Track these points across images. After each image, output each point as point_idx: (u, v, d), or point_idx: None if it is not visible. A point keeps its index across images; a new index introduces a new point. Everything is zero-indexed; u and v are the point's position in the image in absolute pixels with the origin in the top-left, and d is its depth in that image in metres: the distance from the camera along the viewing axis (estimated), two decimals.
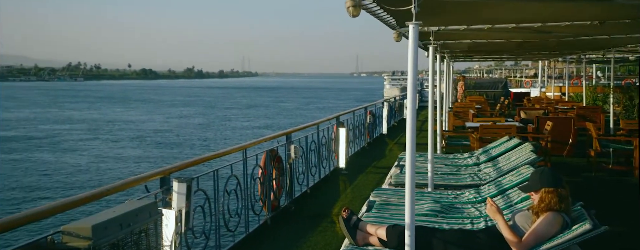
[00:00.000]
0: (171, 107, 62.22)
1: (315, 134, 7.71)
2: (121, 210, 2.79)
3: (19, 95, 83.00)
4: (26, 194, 16.92)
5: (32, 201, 15.93)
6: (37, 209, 2.53)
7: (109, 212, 2.76)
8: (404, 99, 18.58)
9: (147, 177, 3.56)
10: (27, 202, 15.94)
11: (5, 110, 53.27)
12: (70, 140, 30.22)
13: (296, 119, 46.26)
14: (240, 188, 5.02)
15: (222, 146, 27.96)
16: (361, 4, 2.96)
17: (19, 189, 17.59)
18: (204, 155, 4.60)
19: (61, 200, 2.74)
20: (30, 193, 17.04)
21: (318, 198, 6.95)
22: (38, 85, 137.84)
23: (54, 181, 18.87)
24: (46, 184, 18.33)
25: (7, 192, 17.13)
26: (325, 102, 76.20)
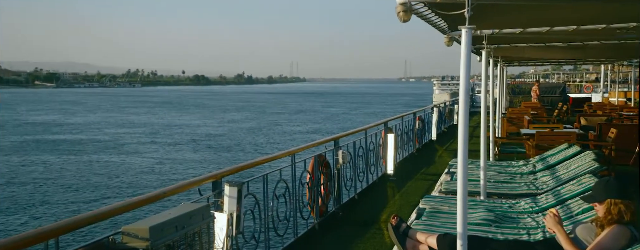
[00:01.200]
0: (223, 112, 63.98)
1: (363, 139, 7.67)
2: (176, 213, 2.88)
3: (85, 101, 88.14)
4: (94, 193, 18.03)
5: (99, 200, 17.01)
6: (101, 210, 2.67)
7: (165, 214, 2.86)
8: (454, 104, 18.14)
9: (200, 180, 3.66)
10: (96, 200, 17.04)
11: (73, 114, 57.03)
12: (133, 143, 31.80)
13: (344, 124, 46.22)
14: (288, 193, 5.07)
15: (271, 150, 28.55)
16: (412, 9, 2.91)
17: (87, 188, 18.77)
18: (254, 160, 4.68)
19: (121, 201, 2.87)
20: (97, 192, 18.17)
21: (366, 204, 6.89)
22: (101, 91, 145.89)
23: (118, 181, 20.00)
24: (112, 184, 19.47)
25: (77, 191, 18.31)
26: (373, 107, 75.71)
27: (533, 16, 4.33)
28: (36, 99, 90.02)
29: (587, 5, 3.58)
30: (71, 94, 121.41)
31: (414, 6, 2.96)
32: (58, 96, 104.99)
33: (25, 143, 31.51)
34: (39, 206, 16.21)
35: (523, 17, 4.40)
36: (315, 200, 5.67)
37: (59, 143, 31.57)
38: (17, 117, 52.26)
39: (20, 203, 16.45)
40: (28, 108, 66.91)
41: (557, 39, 6.25)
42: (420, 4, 3.01)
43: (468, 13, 2.74)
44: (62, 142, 32.22)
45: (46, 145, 30.54)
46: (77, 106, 72.30)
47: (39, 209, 15.90)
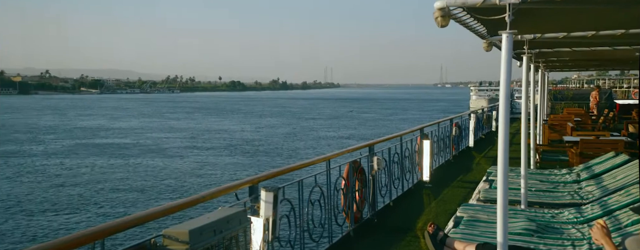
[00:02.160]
0: (259, 118, 64.90)
1: (398, 145, 7.59)
2: (214, 217, 2.93)
3: (128, 107, 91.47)
4: (138, 196, 18.91)
5: (143, 202, 17.90)
6: (144, 213, 2.75)
7: (204, 218, 2.91)
8: (493, 110, 17.71)
9: (237, 185, 3.71)
10: (140, 202, 17.94)
11: (117, 119, 59.35)
12: (174, 148, 32.98)
13: (379, 130, 45.94)
14: (323, 198, 5.07)
15: (307, 156, 28.84)
16: (451, 14, 2.87)
17: (132, 190, 19.71)
18: (290, 165, 4.71)
19: (163, 205, 2.95)
20: (141, 194, 19.06)
21: (401, 211, 6.81)
22: (142, 97, 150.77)
23: (161, 184, 20.89)
24: (155, 187, 20.33)
25: (123, 193, 19.23)
26: (408, 113, 74.95)
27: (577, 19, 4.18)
28: (83, 105, 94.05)
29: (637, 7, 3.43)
30: (114, 99, 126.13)
31: (452, 11, 2.92)
32: (103, 102, 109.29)
33: (76, 147, 33.24)
34: (89, 207, 17.17)
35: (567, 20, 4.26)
36: (350, 207, 5.65)
37: (105, 147, 33.08)
38: (68, 122, 54.97)
39: (72, 203, 17.45)
40: (77, 113, 70.05)
41: (603, 43, 6.01)
42: (459, 9, 2.96)
43: (509, 17, 2.68)
44: (109, 146, 33.72)
45: (94, 149, 32.07)
46: (120, 112, 75.12)
47: (90, 209, 16.85)
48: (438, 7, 2.79)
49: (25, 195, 18.59)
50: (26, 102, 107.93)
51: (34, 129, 45.52)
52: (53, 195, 18.68)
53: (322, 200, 5.04)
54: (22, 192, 19.10)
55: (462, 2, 2.79)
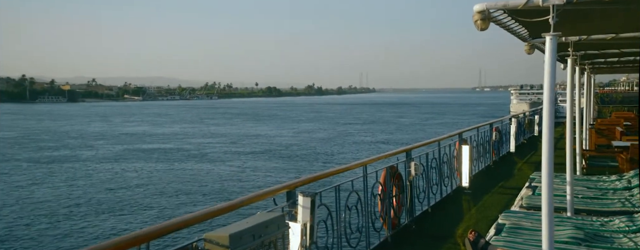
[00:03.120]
0: (296, 123, 65.49)
1: (436, 150, 7.47)
2: (253, 222, 2.97)
3: (169, 113, 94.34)
4: (180, 199, 19.78)
5: (187, 205, 18.73)
6: (186, 217, 2.82)
7: (243, 223, 2.95)
8: (535, 114, 17.17)
9: (275, 190, 3.74)
10: (184, 205, 18.79)
11: (160, 125, 61.40)
12: (214, 153, 34.06)
13: (416, 135, 45.43)
14: (361, 204, 5.04)
15: (343, 161, 28.91)
16: (491, 17, 2.81)
17: (175, 194, 20.64)
18: (327, 171, 4.71)
19: (204, 209, 3.02)
20: (184, 198, 19.94)
21: (440, 217, 6.69)
22: (183, 104, 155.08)
23: (202, 188, 21.78)
24: (196, 190, 21.23)
25: (166, 196, 20.21)
26: (446, 117, 73.67)
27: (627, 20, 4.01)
28: (128, 112, 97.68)
29: None
30: (156, 106, 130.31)
31: (492, 14, 2.86)
32: (146, 109, 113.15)
33: (123, 152, 34.97)
34: (136, 209, 18.18)
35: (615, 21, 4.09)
36: (388, 212, 5.60)
37: (150, 152, 34.58)
38: (115, 128, 57.51)
39: (121, 206, 18.52)
40: (122, 120, 72.91)
41: None
42: (499, 11, 2.89)
43: (553, 19, 2.60)
44: (153, 151, 35.25)
45: (140, 154, 33.67)
46: (163, 118, 77.69)
47: (137, 211, 17.86)
48: (477, 10, 2.73)
49: (79, 198, 19.89)
50: (75, 109, 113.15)
51: (85, 135, 48.02)
52: (104, 197, 19.93)
53: (359, 206, 5.01)
54: (77, 195, 20.43)
55: (503, 5, 2.73)
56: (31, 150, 35.86)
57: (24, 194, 20.63)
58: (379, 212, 5.49)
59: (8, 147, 37.34)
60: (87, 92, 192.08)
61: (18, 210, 17.81)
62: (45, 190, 21.32)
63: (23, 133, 50.07)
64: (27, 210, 17.87)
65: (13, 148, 36.97)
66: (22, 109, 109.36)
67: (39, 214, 17.24)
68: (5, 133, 49.73)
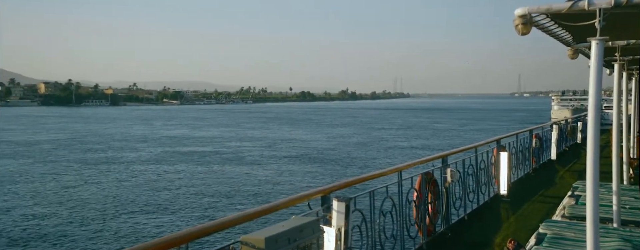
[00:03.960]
0: (331, 127, 65.67)
1: (473, 157, 7.33)
2: (288, 225, 3.00)
3: (207, 117, 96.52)
4: (219, 200, 20.42)
5: (225, 206, 19.36)
6: (223, 219, 2.88)
7: (278, 226, 2.99)
8: (578, 121, 16.56)
9: (310, 194, 3.76)
10: (223, 206, 19.37)
11: (199, 129, 62.98)
12: (251, 156, 34.85)
13: (452, 141, 44.67)
14: (395, 210, 5.00)
15: (378, 166, 28.82)
16: (532, 21, 2.74)
17: (213, 196, 21.30)
18: (361, 176, 4.70)
19: (240, 212, 3.07)
20: (222, 200, 20.53)
21: (477, 225, 6.55)
22: (219, 108, 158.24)
23: (239, 191, 22.36)
24: (234, 193, 21.83)
25: (205, 198, 20.92)
26: (483, 123, 72.05)
27: None
28: (167, 115, 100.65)
29: None
30: (194, 110, 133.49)
31: (534, 18, 2.78)
32: (184, 113, 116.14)
33: (164, 154, 36.30)
34: (176, 209, 18.91)
35: None
36: (423, 219, 5.52)
37: (190, 154, 35.74)
38: (156, 131, 59.61)
39: (163, 206, 19.35)
40: (162, 123, 75.23)
41: None
42: (542, 15, 2.81)
43: (600, 23, 2.51)
44: (193, 153, 36.39)
45: (180, 156, 34.87)
46: (201, 122, 79.69)
47: (177, 211, 18.59)
48: (519, 14, 2.67)
49: (125, 198, 20.94)
50: (118, 112, 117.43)
51: (129, 138, 50.10)
52: (147, 198, 20.90)
53: (393, 212, 4.97)
54: (122, 195, 21.51)
55: (546, 9, 2.66)
56: (80, 151, 37.81)
57: (74, 193, 21.94)
58: (414, 219, 5.42)
59: (59, 149, 39.57)
60: (128, 96, 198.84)
61: (69, 209, 18.94)
62: (93, 190, 22.59)
63: (72, 135, 52.70)
64: (77, 208, 19.00)
65: (64, 150, 39.11)
66: (69, 112, 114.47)
67: (88, 213, 18.33)
68: (56, 135, 52.59)
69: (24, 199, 20.69)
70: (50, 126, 68.11)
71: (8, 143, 43.59)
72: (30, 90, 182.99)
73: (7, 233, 15.72)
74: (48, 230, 16.03)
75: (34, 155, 35.05)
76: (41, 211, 18.46)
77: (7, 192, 22.08)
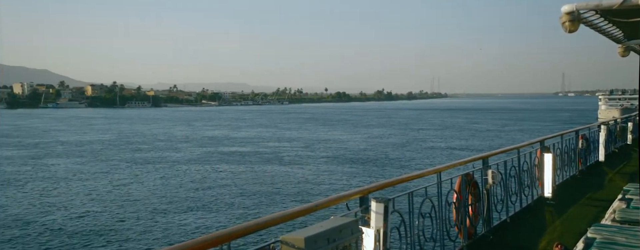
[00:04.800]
0: (367, 128, 65.45)
1: (515, 158, 7.12)
2: (328, 226, 3.01)
3: (245, 117, 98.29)
4: (260, 199, 20.96)
5: (266, 205, 19.90)
6: (264, 219, 2.92)
7: (317, 226, 3.00)
8: (628, 121, 15.80)
9: (348, 195, 3.76)
10: (264, 205, 19.92)
11: (238, 129, 64.21)
12: (289, 156, 35.42)
13: (492, 141, 43.62)
14: (434, 212, 4.92)
15: (416, 167, 28.54)
16: (580, 18, 2.64)
17: (253, 195, 21.88)
18: (400, 177, 4.65)
19: (280, 212, 3.10)
20: (262, 199, 21.08)
21: (520, 229, 6.36)
22: (256, 109, 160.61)
23: (278, 190, 22.88)
24: (273, 192, 22.38)
25: (246, 197, 21.48)
26: (525, 124, 69.87)
27: None
28: (207, 116, 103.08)
29: None
30: (232, 111, 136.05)
31: (582, 15, 2.68)
32: (223, 114, 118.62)
33: (206, 154, 37.37)
34: (218, 208, 19.54)
35: None
36: (463, 221, 5.41)
37: (230, 154, 36.71)
38: (197, 131, 61.32)
39: (206, 205, 20.06)
40: (203, 124, 77.16)
41: None
42: (591, 12, 2.70)
43: None
44: (233, 153, 37.35)
45: (221, 156, 35.82)
46: (239, 122, 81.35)
47: (219, 210, 19.20)
48: (566, 11, 2.58)
49: (169, 196, 21.83)
50: (160, 113, 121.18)
51: (172, 138, 51.85)
52: (191, 196, 21.74)
53: (433, 213, 4.90)
54: (167, 193, 22.44)
55: (596, 5, 2.55)
56: (128, 151, 39.62)
57: (124, 191, 23.19)
58: (454, 221, 5.33)
59: (108, 149, 41.63)
60: (168, 97, 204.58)
61: (119, 206, 20.02)
62: (141, 188, 23.74)
63: (119, 136, 55.16)
64: (126, 206, 20.03)
65: (113, 149, 41.13)
66: (114, 114, 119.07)
67: (136, 210, 19.31)
68: (104, 136, 55.20)
69: (79, 196, 22.13)
70: (98, 127, 71.39)
71: (62, 143, 46.62)
72: (78, 92, 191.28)
73: (67, 227, 16.94)
74: (100, 226, 17.13)
75: (86, 155, 37.24)
76: (95, 208, 19.70)
77: (65, 189, 23.65)
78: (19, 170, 29.59)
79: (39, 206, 19.97)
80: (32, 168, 30.40)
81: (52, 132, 61.83)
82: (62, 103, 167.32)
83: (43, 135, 56.02)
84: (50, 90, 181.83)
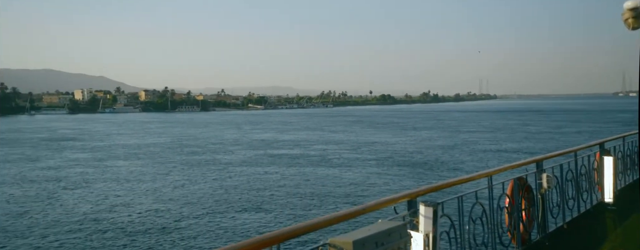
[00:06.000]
0: (414, 130, 64.56)
1: (572, 162, 6.80)
2: (376, 229, 2.99)
3: (292, 121, 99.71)
4: (309, 201, 21.35)
5: (316, 206, 20.34)
6: (313, 221, 2.94)
7: (365, 229, 2.99)
8: None
9: (396, 199, 3.72)
10: (314, 206, 20.32)
11: (285, 132, 65.22)
12: (337, 158, 35.67)
13: (546, 144, 41.90)
14: (485, 216, 4.79)
15: (466, 170, 27.91)
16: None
17: (302, 196, 22.36)
18: (449, 180, 4.56)
19: (328, 215, 3.12)
20: (312, 200, 21.54)
21: (578, 235, 6.07)
22: (302, 112, 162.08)
23: (326, 192, 23.17)
24: (323, 194, 22.69)
25: (296, 198, 21.96)
26: (582, 126, 66.57)
27: None
28: (255, 120, 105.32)
29: None
30: (278, 114, 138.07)
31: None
32: (269, 117, 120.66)
33: (256, 156, 38.32)
34: (268, 209, 20.11)
35: None
36: (516, 227, 5.23)
37: (279, 157, 37.52)
38: (246, 135, 62.86)
39: (257, 206, 20.65)
40: (251, 127, 78.99)
41: None
42: None
43: None
44: (282, 156, 38.11)
45: (271, 159, 36.59)
46: (286, 125, 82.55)
47: (270, 210, 19.81)
48: (629, 7, 2.44)
49: (222, 198, 22.57)
50: (209, 117, 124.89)
51: (223, 141, 53.58)
52: (242, 198, 22.38)
53: (484, 218, 4.77)
54: (220, 195, 23.25)
55: None
56: (183, 154, 41.40)
57: (180, 191, 24.31)
58: (507, 226, 5.16)
59: (165, 151, 43.66)
60: (216, 101, 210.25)
61: (176, 206, 21.00)
62: (196, 189, 24.78)
63: (173, 139, 57.66)
64: (182, 206, 20.96)
65: (169, 152, 43.11)
66: (166, 118, 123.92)
67: (191, 210, 20.20)
68: (160, 139, 57.87)
69: (141, 196, 23.47)
70: (154, 130, 74.75)
71: (123, 146, 49.55)
72: (133, 97, 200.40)
73: (130, 226, 17.98)
74: (161, 225, 18.10)
75: (146, 157, 39.33)
76: (155, 207, 20.84)
77: (128, 190, 25.12)
78: (87, 171, 31.87)
79: (106, 205, 21.41)
80: (99, 169, 32.56)
81: (113, 135, 65.50)
82: (118, 108, 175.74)
83: (105, 139, 59.65)
84: (107, 96, 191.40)
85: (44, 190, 24.96)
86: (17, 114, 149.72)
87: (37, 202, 22.19)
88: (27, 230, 17.55)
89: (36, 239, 16.53)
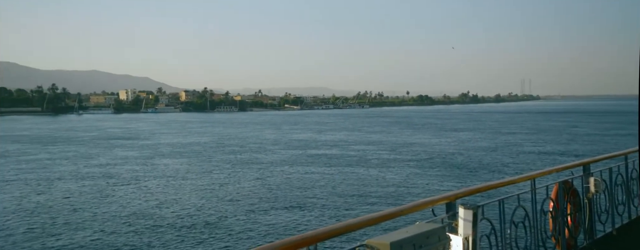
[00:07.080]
0: (454, 131, 63.40)
1: (622, 165, 6.48)
2: (414, 231, 2.95)
3: (328, 121, 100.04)
4: (347, 201, 21.49)
5: (353, 205, 20.47)
6: (348, 222, 2.93)
7: (403, 231, 2.95)
8: None
9: (435, 201, 3.65)
10: (351, 206, 20.45)
11: (322, 133, 65.76)
12: (376, 159, 35.64)
13: (594, 146, 40.22)
14: (528, 220, 4.64)
15: (507, 172, 27.18)
16: None
17: (340, 196, 22.50)
18: (490, 183, 4.44)
19: (365, 216, 3.09)
20: (350, 200, 21.68)
21: (628, 242, 5.79)
22: (338, 113, 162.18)
23: (365, 192, 23.28)
24: (361, 195, 22.78)
25: (334, 198, 22.18)
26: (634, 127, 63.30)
27: None
28: (292, 120, 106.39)
29: None
30: (315, 115, 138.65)
31: None
32: (306, 117, 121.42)
33: (295, 156, 38.76)
34: (306, 208, 20.38)
35: None
36: (561, 232, 5.04)
37: (317, 157, 37.86)
38: (284, 135, 63.75)
39: (294, 204, 21.02)
40: (289, 128, 79.89)
41: None
42: None
43: None
44: (320, 156, 38.42)
45: (309, 158, 36.97)
46: (323, 126, 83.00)
47: (308, 209, 20.08)
48: None
49: (262, 196, 23.09)
50: (247, 118, 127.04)
51: (262, 141, 54.58)
52: (281, 196, 22.80)
53: (526, 222, 4.62)
54: (260, 193, 23.76)
55: None
56: (224, 153, 42.56)
57: (223, 190, 24.99)
58: (551, 231, 4.98)
59: (208, 150, 44.86)
60: (254, 102, 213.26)
61: (219, 204, 21.63)
62: (238, 187, 25.40)
63: (215, 138, 59.13)
64: (225, 204, 21.55)
65: (212, 151, 44.25)
66: (206, 118, 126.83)
67: (233, 208, 20.70)
68: (202, 138, 59.52)
69: (185, 193, 24.21)
70: (195, 130, 76.91)
71: (167, 145, 51.27)
72: (174, 97, 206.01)
73: (177, 222, 18.69)
74: (204, 221, 18.65)
75: (189, 156, 40.59)
76: (199, 204, 21.53)
77: (174, 187, 26.00)
78: (136, 168, 33.25)
79: (154, 202, 22.30)
80: (147, 167, 33.90)
81: (157, 134, 67.87)
82: (159, 108, 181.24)
83: (151, 137, 61.93)
84: (149, 96, 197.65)
85: (97, 186, 26.20)
86: (66, 113, 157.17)
87: (92, 198, 23.31)
88: (84, 223, 18.55)
89: (91, 232, 17.41)
